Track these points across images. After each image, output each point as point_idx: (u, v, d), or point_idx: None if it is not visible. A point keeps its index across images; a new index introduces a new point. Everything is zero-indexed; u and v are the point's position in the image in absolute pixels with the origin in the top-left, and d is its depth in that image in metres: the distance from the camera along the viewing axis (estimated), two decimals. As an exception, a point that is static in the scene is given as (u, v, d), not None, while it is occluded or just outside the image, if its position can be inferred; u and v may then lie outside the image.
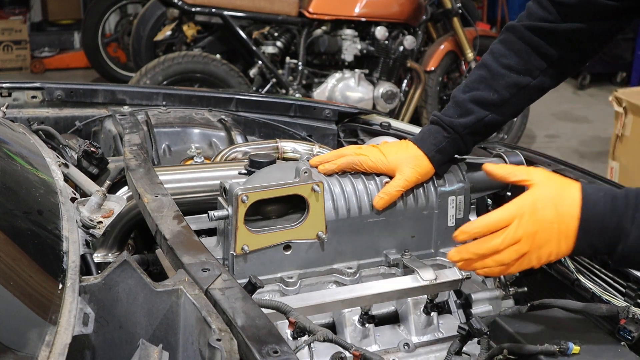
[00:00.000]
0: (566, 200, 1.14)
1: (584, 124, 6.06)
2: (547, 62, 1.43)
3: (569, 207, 1.14)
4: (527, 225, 1.15)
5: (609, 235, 1.13)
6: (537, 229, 1.15)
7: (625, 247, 1.12)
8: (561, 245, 1.15)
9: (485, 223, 1.18)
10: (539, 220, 1.15)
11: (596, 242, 1.14)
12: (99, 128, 2.21)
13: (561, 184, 1.18)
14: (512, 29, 1.45)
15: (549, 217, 1.14)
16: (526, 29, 1.43)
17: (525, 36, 1.43)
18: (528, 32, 1.42)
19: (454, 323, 1.49)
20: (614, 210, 1.12)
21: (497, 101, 1.45)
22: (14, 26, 7.09)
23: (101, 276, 1.11)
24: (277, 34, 4.83)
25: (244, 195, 1.35)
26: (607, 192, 1.14)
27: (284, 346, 0.99)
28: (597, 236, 1.14)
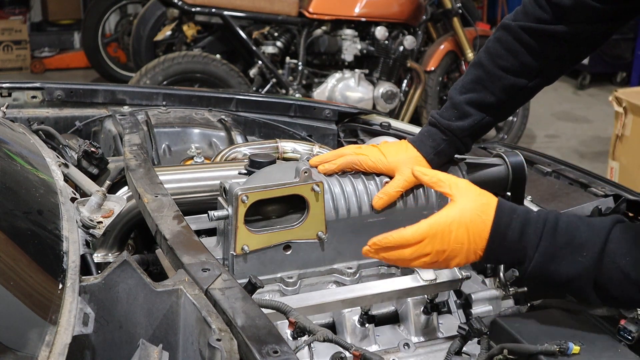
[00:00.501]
0: (479, 223, 1.20)
1: (584, 124, 6.06)
2: (542, 64, 1.42)
3: (481, 230, 1.20)
4: (438, 244, 1.22)
5: (513, 256, 1.20)
6: (447, 248, 1.22)
7: (528, 271, 1.19)
8: (469, 258, 1.23)
9: (397, 240, 1.24)
10: (450, 241, 1.21)
11: (501, 259, 1.26)
12: (99, 128, 2.20)
13: (479, 203, 1.22)
14: (508, 28, 1.44)
15: (460, 239, 1.21)
16: (522, 30, 1.41)
17: (521, 37, 1.41)
18: (524, 34, 1.41)
19: (454, 323, 1.49)
20: (521, 235, 1.18)
21: (494, 103, 1.45)
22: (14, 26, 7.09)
23: (101, 276, 1.11)
24: (277, 34, 4.83)
25: (244, 195, 1.35)
26: (519, 215, 1.20)
27: (284, 346, 0.99)
28: (503, 256, 1.22)
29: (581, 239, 1.15)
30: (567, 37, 1.39)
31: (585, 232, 1.16)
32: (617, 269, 1.13)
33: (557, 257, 1.16)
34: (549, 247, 1.16)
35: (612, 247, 1.14)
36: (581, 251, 1.14)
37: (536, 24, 1.40)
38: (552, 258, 1.16)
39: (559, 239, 1.16)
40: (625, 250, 1.13)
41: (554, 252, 1.16)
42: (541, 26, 1.39)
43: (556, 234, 1.16)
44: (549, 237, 1.16)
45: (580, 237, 1.15)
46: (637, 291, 1.13)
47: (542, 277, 1.18)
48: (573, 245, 1.15)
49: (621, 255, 1.13)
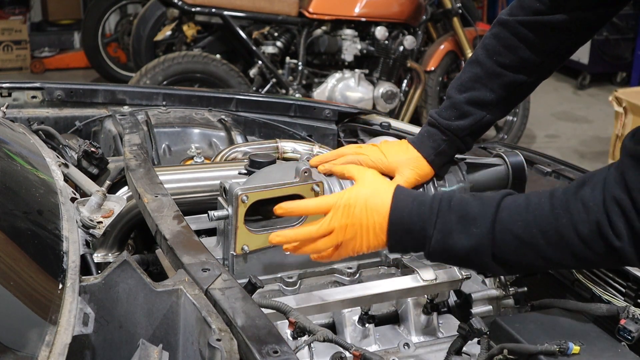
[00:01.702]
0: (377, 201, 1.25)
1: (584, 124, 6.06)
2: (541, 57, 1.41)
3: (379, 208, 1.24)
4: (340, 218, 1.26)
5: (415, 238, 1.23)
6: (348, 222, 1.25)
7: (430, 249, 1.22)
8: (371, 239, 1.26)
9: (303, 205, 1.30)
10: (351, 215, 1.25)
11: (405, 243, 1.25)
12: (99, 128, 2.21)
13: (379, 185, 1.29)
14: (505, 24, 1.43)
15: (358, 214, 1.25)
16: (520, 25, 1.40)
17: (519, 32, 1.40)
18: (522, 28, 1.40)
19: (454, 323, 1.49)
20: (419, 216, 1.22)
21: (494, 101, 1.44)
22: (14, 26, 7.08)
23: (101, 276, 1.11)
24: (277, 34, 4.83)
25: (244, 195, 1.35)
26: (415, 198, 1.25)
27: (284, 346, 0.99)
28: (405, 238, 1.24)
29: (474, 212, 1.19)
30: (565, 25, 1.38)
31: (477, 205, 1.20)
32: (510, 235, 1.16)
33: (453, 231, 1.19)
34: (445, 223, 1.20)
35: (503, 215, 1.17)
36: (474, 223, 1.18)
37: (534, 16, 1.39)
38: (449, 233, 1.19)
39: (452, 215, 1.20)
40: (517, 216, 1.17)
41: (450, 227, 1.20)
42: (539, 18, 1.38)
43: (450, 210, 1.20)
44: (444, 214, 1.20)
45: (472, 211, 1.19)
46: (533, 254, 1.17)
47: (444, 254, 1.22)
48: (466, 219, 1.19)
49: (513, 222, 1.16)
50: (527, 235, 1.15)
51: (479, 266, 1.25)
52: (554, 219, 1.13)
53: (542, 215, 1.15)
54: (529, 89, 1.47)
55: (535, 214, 1.15)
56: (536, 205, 1.16)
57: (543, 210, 1.15)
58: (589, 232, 1.10)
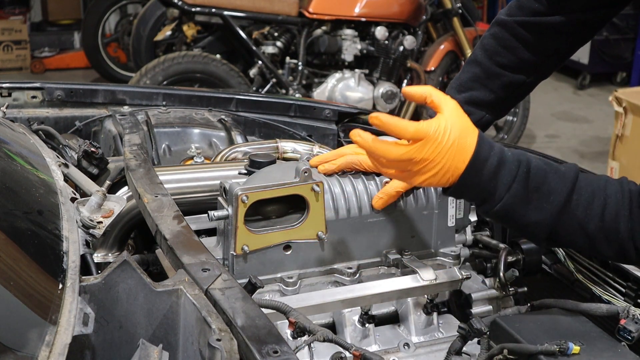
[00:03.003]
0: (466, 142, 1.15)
1: (584, 124, 6.06)
2: (540, 58, 1.41)
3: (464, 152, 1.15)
4: (427, 152, 1.14)
5: (483, 192, 1.16)
6: (436, 158, 1.15)
7: (495, 208, 1.16)
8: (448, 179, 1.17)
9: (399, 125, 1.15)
10: (439, 151, 1.15)
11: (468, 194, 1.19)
12: (99, 128, 2.20)
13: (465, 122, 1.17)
14: (503, 24, 1.43)
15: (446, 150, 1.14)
16: (518, 25, 1.40)
17: (518, 32, 1.40)
18: (520, 29, 1.40)
19: (454, 323, 1.49)
20: (496, 174, 1.15)
21: (494, 101, 1.44)
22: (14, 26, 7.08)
23: (101, 276, 1.11)
24: (277, 34, 4.83)
25: (244, 195, 1.35)
26: (497, 153, 1.16)
27: (284, 346, 0.99)
28: (472, 191, 1.17)
29: (550, 186, 1.16)
30: (563, 27, 1.38)
31: (553, 179, 1.17)
32: (575, 221, 1.15)
33: (526, 200, 1.16)
34: (520, 191, 1.15)
35: (575, 197, 1.15)
36: (548, 198, 1.16)
37: (532, 17, 1.39)
38: (521, 201, 1.16)
39: (530, 183, 1.16)
40: (586, 204, 1.15)
41: (525, 195, 1.16)
42: (537, 19, 1.38)
43: (529, 177, 1.16)
44: (522, 180, 1.16)
45: (549, 184, 1.16)
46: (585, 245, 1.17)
47: (506, 217, 1.18)
48: (542, 191, 1.16)
49: (581, 208, 1.15)
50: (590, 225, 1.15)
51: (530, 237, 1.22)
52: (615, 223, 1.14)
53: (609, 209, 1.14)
54: (528, 89, 1.47)
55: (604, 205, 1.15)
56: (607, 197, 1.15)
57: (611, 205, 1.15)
58: None
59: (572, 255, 1.54)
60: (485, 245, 1.61)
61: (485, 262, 1.60)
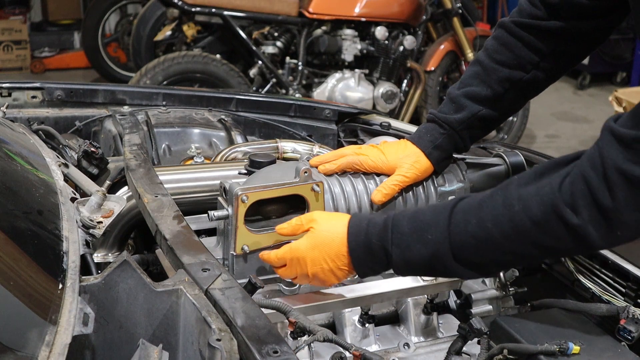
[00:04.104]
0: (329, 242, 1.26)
1: (584, 124, 6.06)
2: (539, 57, 1.44)
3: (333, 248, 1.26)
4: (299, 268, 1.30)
5: (378, 258, 1.24)
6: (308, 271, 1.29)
7: (393, 265, 1.23)
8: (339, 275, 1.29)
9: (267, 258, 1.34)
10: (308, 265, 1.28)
11: (372, 265, 1.26)
12: (99, 128, 2.21)
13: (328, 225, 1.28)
14: (503, 26, 1.47)
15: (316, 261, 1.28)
16: (516, 25, 1.44)
17: (515, 32, 1.44)
18: (518, 28, 1.43)
19: (454, 323, 1.49)
20: (374, 235, 1.23)
21: (491, 96, 1.46)
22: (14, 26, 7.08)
23: (101, 276, 1.11)
24: (277, 34, 4.83)
25: (244, 195, 1.35)
26: (369, 221, 1.25)
27: (284, 346, 0.99)
28: (370, 261, 1.25)
29: (426, 220, 1.19)
30: (560, 32, 1.40)
31: (429, 214, 1.20)
32: (467, 235, 1.15)
33: (409, 243, 1.19)
34: (400, 237, 1.20)
35: (457, 218, 1.17)
36: (428, 230, 1.18)
37: (529, 19, 1.42)
38: (406, 246, 1.20)
39: (406, 227, 1.20)
40: (470, 215, 1.16)
41: (405, 240, 1.20)
42: (535, 22, 1.41)
43: (403, 223, 1.21)
44: (397, 228, 1.21)
45: (425, 219, 1.20)
46: (494, 251, 1.15)
47: (407, 267, 1.23)
48: (420, 228, 1.19)
49: (466, 222, 1.16)
50: (482, 232, 1.14)
51: (445, 272, 1.24)
52: (506, 208, 1.12)
53: (494, 207, 1.13)
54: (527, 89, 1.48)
55: (488, 208, 1.14)
56: (489, 199, 1.15)
57: (496, 204, 1.14)
58: (543, 214, 1.08)
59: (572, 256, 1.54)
60: (485, 245, 1.61)
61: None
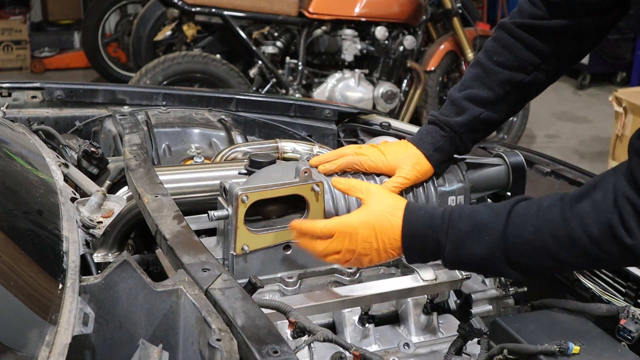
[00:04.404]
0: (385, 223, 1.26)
1: (584, 124, 6.06)
2: (539, 58, 1.43)
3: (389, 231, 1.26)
4: (346, 243, 1.28)
5: (430, 249, 1.25)
6: (355, 247, 1.27)
7: (445, 258, 1.24)
8: (382, 257, 1.28)
9: (309, 228, 1.31)
10: (358, 241, 1.27)
11: (422, 255, 1.27)
12: (99, 128, 2.21)
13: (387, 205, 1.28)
14: (503, 27, 1.46)
15: (367, 239, 1.27)
16: (517, 27, 1.43)
17: (516, 33, 1.43)
18: (519, 30, 1.43)
19: (454, 323, 1.49)
20: (431, 228, 1.24)
21: (492, 98, 1.46)
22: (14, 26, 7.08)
23: (101, 276, 1.11)
24: (277, 34, 4.83)
25: (244, 195, 1.35)
26: (427, 211, 1.26)
27: (284, 346, 0.99)
28: (421, 251, 1.26)
29: (484, 220, 1.20)
30: (562, 31, 1.39)
31: (487, 214, 1.21)
32: (522, 240, 1.17)
33: (465, 240, 1.21)
34: (456, 233, 1.21)
35: (515, 221, 1.18)
36: (486, 231, 1.19)
37: (530, 19, 1.42)
38: (461, 243, 1.21)
39: (464, 225, 1.21)
40: (527, 222, 1.18)
41: (461, 237, 1.21)
42: (536, 22, 1.41)
43: (461, 220, 1.22)
44: (455, 224, 1.22)
45: (483, 219, 1.21)
46: (546, 258, 1.17)
47: (459, 263, 1.24)
48: (478, 228, 1.20)
49: (523, 227, 1.17)
50: (538, 240, 1.16)
51: (495, 272, 1.26)
52: (565, 222, 1.14)
53: (552, 219, 1.15)
54: (528, 91, 1.48)
55: (546, 218, 1.16)
56: (546, 210, 1.17)
57: (553, 215, 1.15)
58: (600, 233, 1.11)
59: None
60: (485, 245, 1.61)
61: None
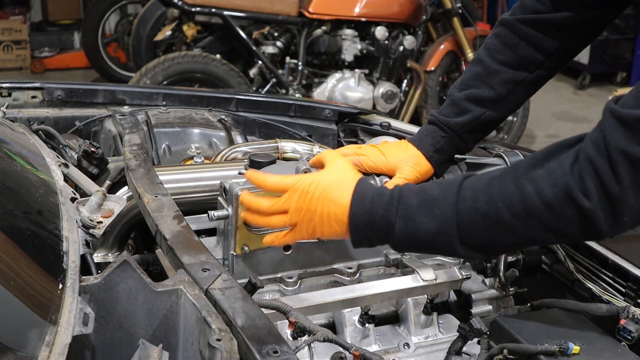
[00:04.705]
0: (336, 192, 1.24)
1: (584, 124, 6.06)
2: (543, 55, 1.41)
3: (337, 199, 1.23)
4: (296, 200, 1.25)
5: (378, 228, 1.21)
6: (306, 207, 1.25)
7: (394, 237, 1.20)
8: (325, 228, 1.25)
9: (261, 179, 1.30)
10: (307, 201, 1.25)
11: (369, 234, 1.23)
12: (99, 128, 2.21)
13: (343, 175, 1.27)
14: (506, 23, 1.44)
15: (315, 202, 1.24)
16: (520, 23, 1.41)
17: (519, 30, 1.41)
18: (523, 26, 1.40)
19: (454, 323, 1.49)
20: (380, 205, 1.20)
21: (494, 98, 1.44)
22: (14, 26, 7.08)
23: (101, 276, 1.11)
24: (277, 34, 4.83)
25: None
26: (377, 189, 1.23)
27: (284, 346, 0.99)
28: (369, 230, 1.22)
29: (435, 194, 1.18)
30: (565, 24, 1.38)
31: (437, 188, 1.19)
32: (475, 212, 1.14)
33: (416, 214, 1.17)
34: (406, 208, 1.18)
35: (466, 194, 1.15)
36: (436, 204, 1.17)
37: (533, 14, 1.40)
38: (412, 217, 1.18)
39: (413, 200, 1.19)
40: (479, 193, 1.14)
41: (412, 211, 1.18)
42: (539, 16, 1.39)
43: (410, 195, 1.19)
44: (405, 199, 1.19)
45: (433, 193, 1.18)
46: (501, 231, 1.14)
47: (409, 241, 1.20)
48: (428, 201, 1.17)
49: (475, 198, 1.14)
50: (491, 210, 1.12)
51: (447, 250, 1.21)
52: (518, 189, 1.10)
53: (505, 187, 1.12)
54: (531, 88, 1.47)
55: (499, 187, 1.13)
56: (499, 179, 1.14)
57: (506, 183, 1.12)
58: (555, 196, 1.07)
59: (572, 255, 1.54)
60: (485, 245, 1.61)
61: (485, 262, 1.59)
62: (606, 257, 1.46)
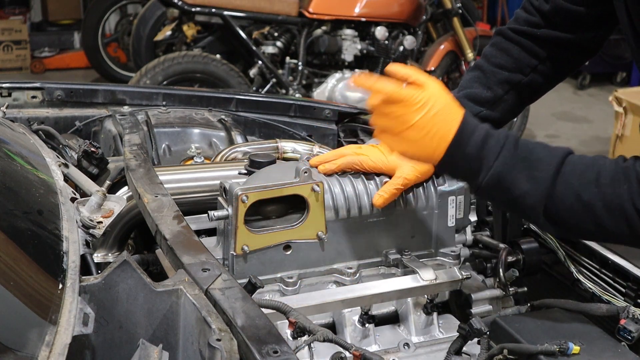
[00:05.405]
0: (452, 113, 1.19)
1: (584, 124, 6.06)
2: (537, 60, 1.47)
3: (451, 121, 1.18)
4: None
5: (471, 164, 1.18)
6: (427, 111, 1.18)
7: (485, 179, 1.17)
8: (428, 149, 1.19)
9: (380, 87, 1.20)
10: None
11: (459, 166, 1.20)
12: (99, 128, 2.20)
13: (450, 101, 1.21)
14: (501, 33, 1.51)
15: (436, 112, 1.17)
16: (513, 32, 1.47)
17: (513, 38, 1.47)
18: (515, 35, 1.47)
19: (454, 323, 1.49)
20: (484, 143, 1.17)
21: (491, 98, 1.48)
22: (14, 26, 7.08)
23: (101, 276, 1.11)
24: (277, 34, 4.83)
25: (244, 195, 1.35)
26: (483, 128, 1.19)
27: (284, 346, 0.99)
28: (461, 161, 1.19)
29: (539, 156, 1.17)
30: (556, 41, 1.44)
31: (543, 151, 1.18)
32: (570, 190, 1.14)
33: (515, 168, 1.16)
34: (509, 158, 1.17)
35: (567, 168, 1.15)
36: (538, 166, 1.16)
37: (526, 27, 1.46)
38: (511, 168, 1.16)
39: (519, 153, 1.17)
40: (579, 173, 1.15)
41: (514, 162, 1.16)
42: (530, 29, 1.45)
43: (517, 147, 1.18)
44: (510, 149, 1.17)
45: (538, 154, 1.17)
46: (586, 218, 1.14)
47: (497, 188, 1.18)
48: (531, 160, 1.17)
49: (575, 176, 1.14)
50: (586, 193, 1.13)
51: (527, 213, 1.20)
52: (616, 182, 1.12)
53: (605, 176, 1.13)
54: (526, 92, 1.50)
55: (599, 172, 1.13)
56: (601, 166, 1.14)
57: (606, 172, 1.13)
58: None
59: (572, 255, 1.54)
60: (485, 245, 1.61)
61: (485, 262, 1.60)
62: (606, 257, 1.46)
